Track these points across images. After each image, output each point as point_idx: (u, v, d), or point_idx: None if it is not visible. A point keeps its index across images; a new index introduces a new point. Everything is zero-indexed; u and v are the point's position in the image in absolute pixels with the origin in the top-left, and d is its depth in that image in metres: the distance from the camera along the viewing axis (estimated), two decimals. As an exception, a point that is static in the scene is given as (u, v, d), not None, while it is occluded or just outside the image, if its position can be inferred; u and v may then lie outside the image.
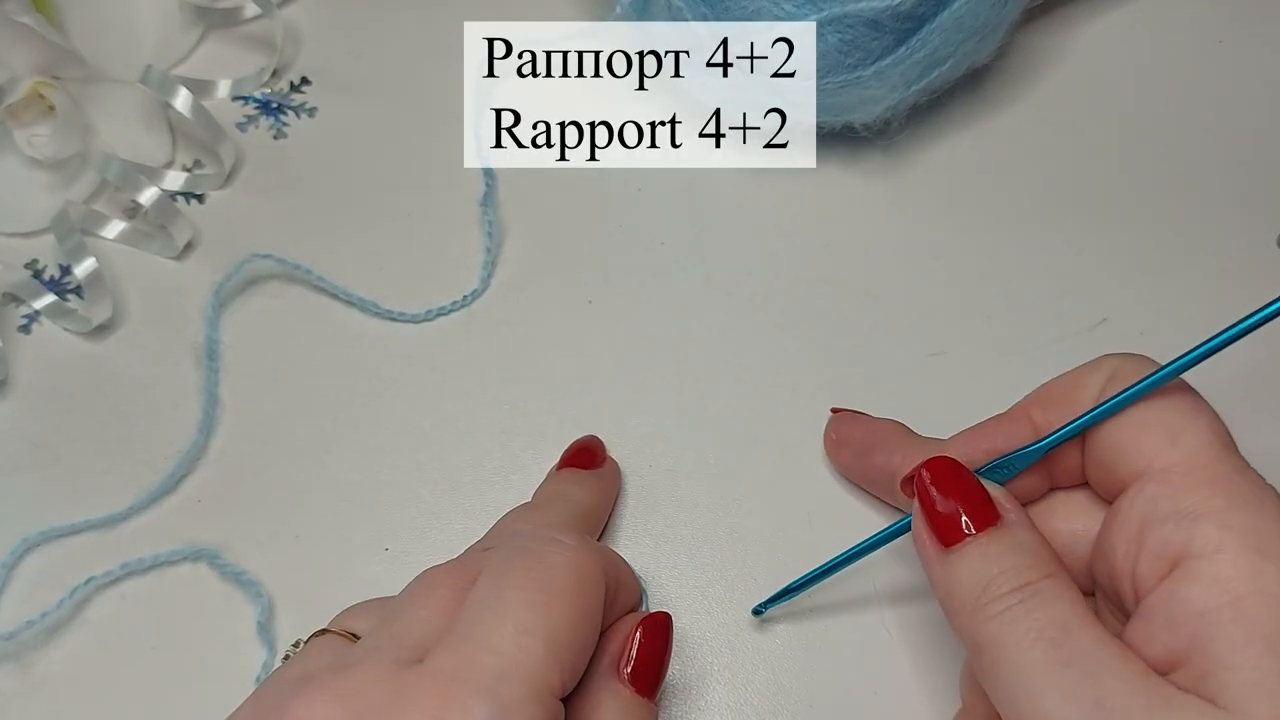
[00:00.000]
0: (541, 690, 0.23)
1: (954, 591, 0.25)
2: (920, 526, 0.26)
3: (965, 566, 0.25)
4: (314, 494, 0.35)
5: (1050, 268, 0.38)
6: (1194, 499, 0.23)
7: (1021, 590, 0.23)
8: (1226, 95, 0.42)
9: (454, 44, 0.43)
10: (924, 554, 0.26)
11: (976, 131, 0.41)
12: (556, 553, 0.26)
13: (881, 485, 0.33)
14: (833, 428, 0.35)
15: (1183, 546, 0.23)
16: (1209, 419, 0.25)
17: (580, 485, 0.33)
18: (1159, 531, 0.24)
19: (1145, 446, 0.25)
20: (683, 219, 0.40)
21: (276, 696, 0.24)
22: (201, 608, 0.33)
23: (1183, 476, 0.24)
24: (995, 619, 0.23)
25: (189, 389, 0.37)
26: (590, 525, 0.32)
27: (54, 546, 0.34)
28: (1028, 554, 0.24)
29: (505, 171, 0.41)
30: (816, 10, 0.35)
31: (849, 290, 0.38)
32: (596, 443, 0.35)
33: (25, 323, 0.38)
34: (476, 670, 0.23)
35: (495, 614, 0.24)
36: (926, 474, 0.26)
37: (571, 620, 0.24)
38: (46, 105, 0.40)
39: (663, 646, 0.27)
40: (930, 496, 0.26)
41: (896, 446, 0.31)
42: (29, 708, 0.32)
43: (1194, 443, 0.24)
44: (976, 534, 0.25)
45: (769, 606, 0.32)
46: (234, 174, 0.41)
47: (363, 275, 0.39)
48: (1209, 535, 0.23)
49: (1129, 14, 0.44)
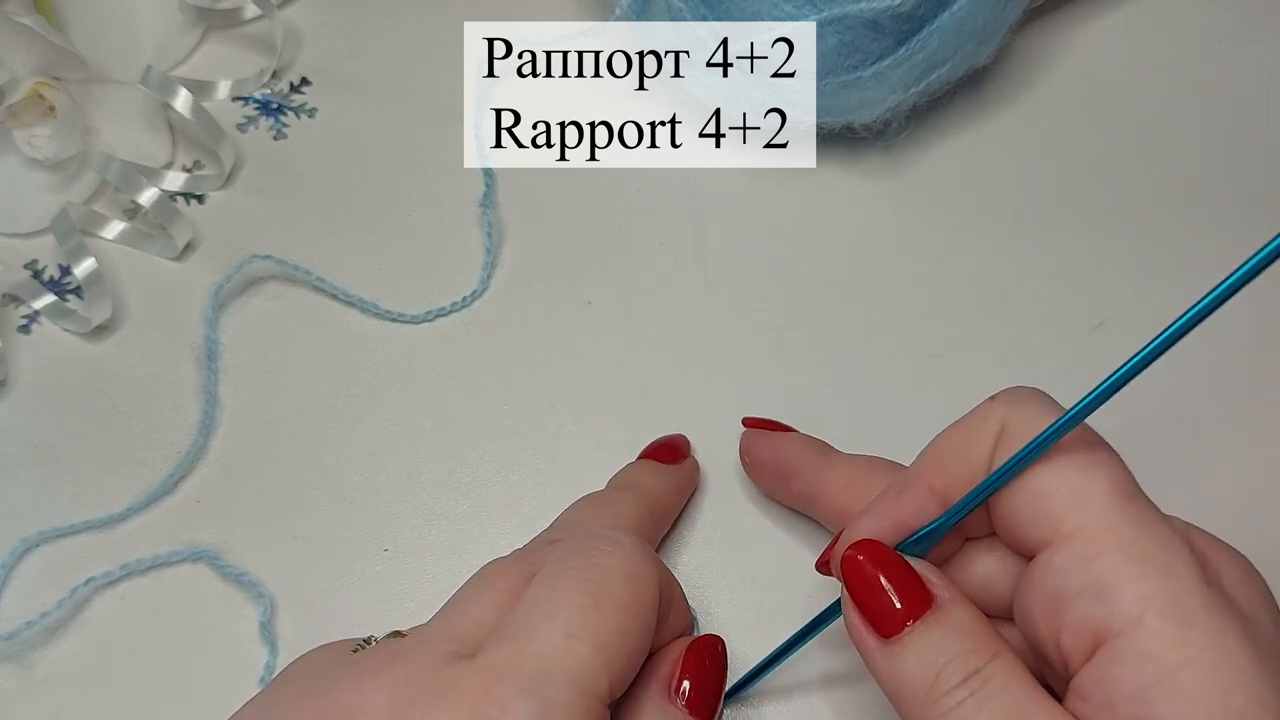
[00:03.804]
0: (587, 695, 0.23)
1: (901, 685, 0.24)
2: (854, 620, 0.25)
3: (909, 659, 0.24)
4: (314, 494, 0.35)
5: (1049, 269, 0.38)
6: (1102, 568, 0.23)
7: (972, 680, 0.23)
8: (1226, 95, 0.42)
9: (454, 44, 0.43)
10: (862, 646, 0.25)
11: (976, 132, 0.41)
12: (610, 555, 0.25)
13: (801, 507, 0.33)
14: (744, 447, 0.34)
15: (1103, 624, 0.22)
16: (1109, 470, 0.24)
17: (654, 477, 0.33)
18: (1076, 609, 0.23)
19: (1049, 512, 0.24)
20: (683, 219, 0.40)
21: (330, 679, 0.24)
22: (201, 608, 0.33)
23: (1088, 544, 0.23)
24: (950, 715, 0.23)
25: (189, 389, 0.37)
26: (658, 519, 0.32)
27: (54, 547, 0.34)
28: (969, 637, 0.24)
29: (505, 171, 0.41)
30: (816, 11, 0.35)
31: (849, 290, 0.38)
32: (681, 440, 0.35)
33: (25, 323, 0.38)
34: (522, 669, 0.23)
35: (544, 615, 0.24)
36: (851, 562, 0.25)
37: (622, 625, 0.24)
38: (46, 106, 0.40)
39: (715, 665, 0.27)
40: (859, 588, 0.25)
41: (810, 471, 0.31)
42: (29, 708, 0.32)
43: (1096, 503, 0.23)
44: (914, 623, 0.24)
45: (733, 697, 0.31)
46: (234, 174, 0.41)
47: (363, 275, 0.39)
48: (1127, 610, 0.22)
49: (1129, 15, 0.44)
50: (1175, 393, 0.35)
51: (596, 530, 0.27)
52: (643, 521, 0.31)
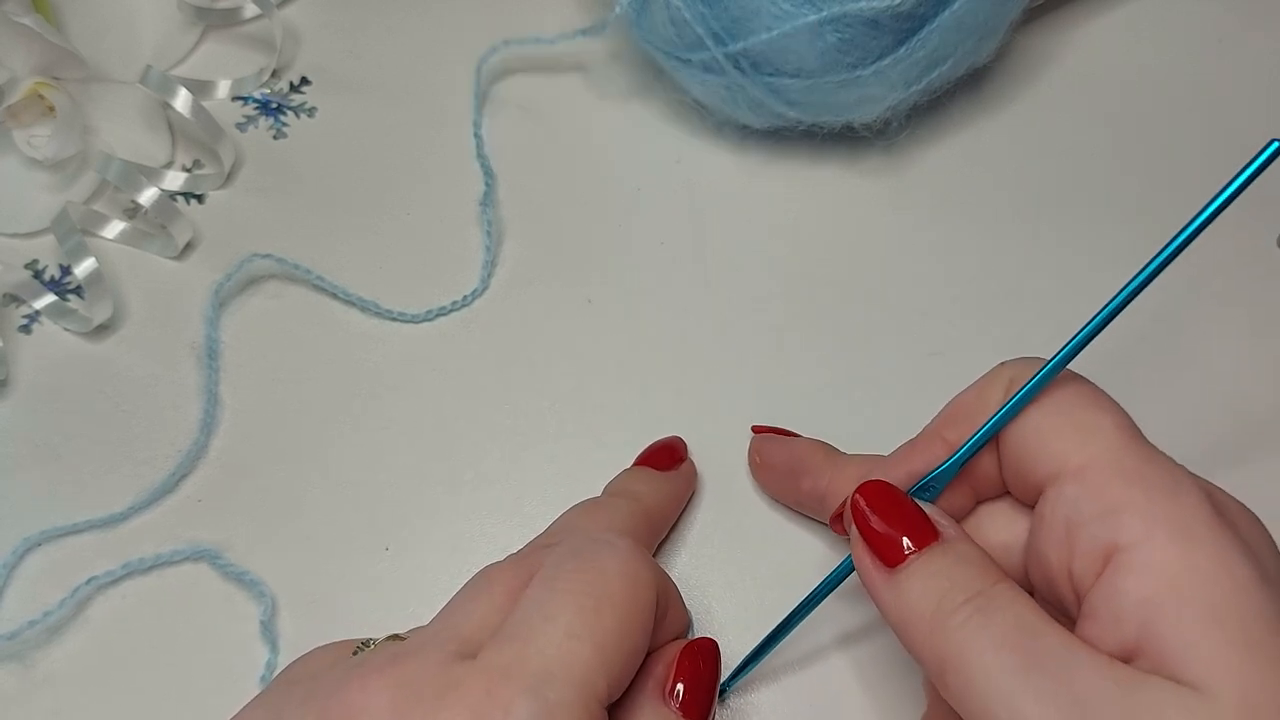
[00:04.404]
0: (587, 696, 0.23)
1: (907, 612, 0.24)
2: (861, 553, 0.26)
3: (914, 585, 0.24)
4: (314, 494, 0.35)
5: (1050, 267, 0.38)
6: (1113, 495, 0.24)
7: (976, 599, 0.23)
8: (1226, 95, 0.42)
9: (454, 44, 0.43)
10: (869, 580, 0.25)
11: (976, 131, 0.41)
12: (609, 557, 0.26)
13: (811, 508, 0.33)
14: (754, 450, 0.34)
15: (1111, 541, 0.23)
16: (1113, 413, 0.25)
17: (649, 484, 0.33)
18: (1086, 531, 0.24)
19: (1056, 449, 0.25)
20: (683, 219, 0.40)
21: (333, 680, 0.24)
22: (203, 607, 0.33)
23: (1098, 474, 0.24)
24: (956, 632, 0.23)
25: (189, 389, 0.37)
26: (654, 525, 0.32)
27: (55, 546, 0.34)
28: (973, 565, 0.24)
29: (505, 171, 0.41)
30: (816, 10, 0.35)
31: (849, 290, 0.38)
32: (677, 443, 0.35)
33: (25, 323, 0.39)
34: (523, 670, 0.23)
35: (545, 616, 0.24)
36: (860, 499, 0.26)
37: (620, 627, 0.24)
38: (46, 106, 0.40)
39: (709, 667, 0.27)
40: (867, 522, 0.26)
41: (822, 469, 0.31)
42: (31, 707, 0.32)
43: (1103, 439, 0.24)
44: (919, 552, 0.25)
45: (732, 684, 0.31)
46: (234, 174, 0.41)
47: (363, 275, 0.39)
48: (1134, 527, 0.23)
49: (1129, 14, 0.44)
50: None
51: (593, 534, 0.28)
52: (639, 527, 0.31)
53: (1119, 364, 0.28)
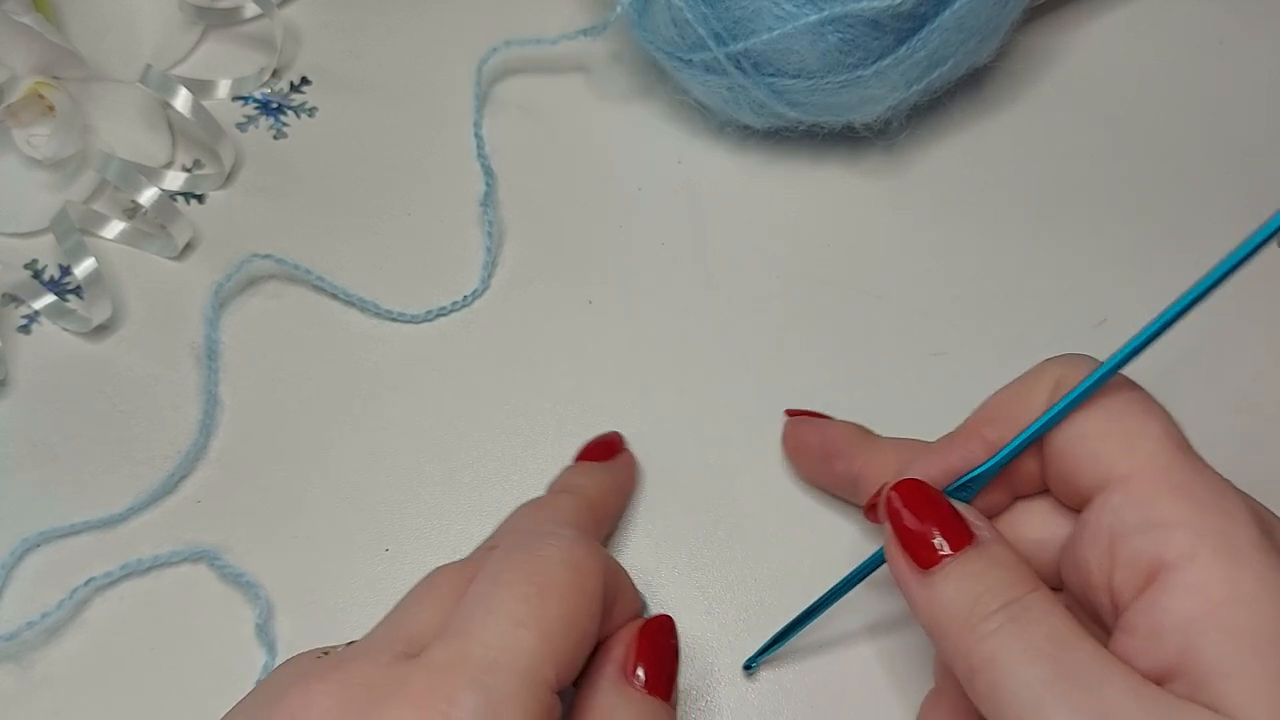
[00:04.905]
0: (534, 684, 0.23)
1: (939, 613, 0.24)
2: (894, 551, 0.26)
3: (948, 586, 0.24)
4: (314, 494, 0.35)
5: (1050, 267, 0.38)
6: (1160, 507, 0.23)
7: (1010, 607, 0.23)
8: (1226, 95, 0.42)
9: (454, 43, 0.43)
10: (901, 577, 0.25)
11: (977, 131, 0.41)
12: (551, 547, 0.26)
13: (844, 490, 0.33)
14: (789, 432, 0.34)
15: (1156, 557, 0.23)
16: (1162, 421, 0.25)
17: (589, 477, 0.33)
18: (1130, 543, 0.23)
19: (1103, 455, 0.25)
20: (683, 219, 0.40)
21: (276, 688, 0.24)
22: (201, 608, 0.33)
23: (1145, 484, 0.24)
24: (988, 638, 0.23)
25: (189, 389, 0.37)
26: (599, 517, 0.32)
27: (54, 547, 0.34)
28: (1009, 570, 0.24)
29: (505, 171, 0.41)
30: (817, 10, 0.35)
31: (849, 290, 0.38)
32: (614, 437, 0.35)
33: (25, 323, 0.38)
34: (467, 662, 0.23)
35: (487, 608, 0.24)
36: (896, 497, 0.26)
37: (566, 612, 0.24)
38: (46, 105, 0.39)
39: (667, 644, 0.27)
40: (902, 520, 0.25)
41: (856, 452, 0.31)
42: (29, 708, 0.32)
43: (1151, 448, 0.24)
44: (954, 553, 0.24)
45: (758, 660, 0.31)
46: (234, 174, 0.41)
47: (363, 275, 0.39)
48: (1181, 544, 0.23)
49: (1129, 14, 0.44)
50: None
51: (536, 528, 0.28)
52: (583, 519, 0.31)
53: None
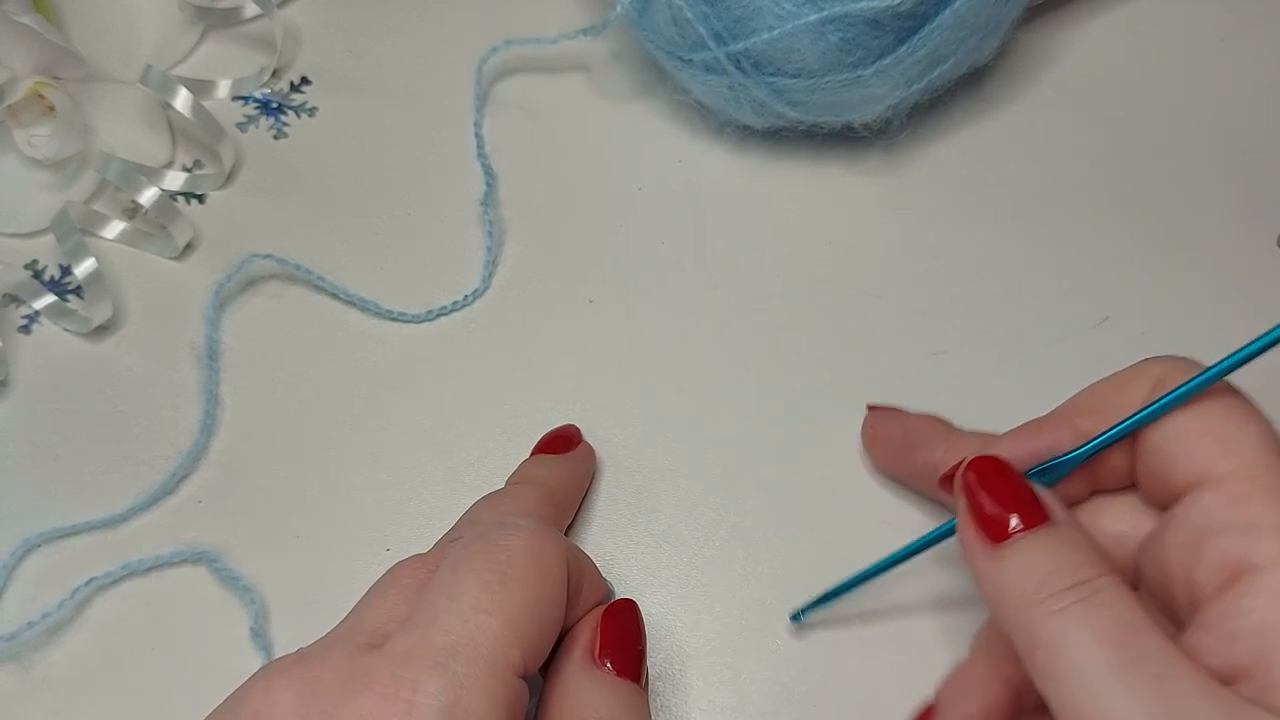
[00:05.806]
0: (498, 665, 0.23)
1: (1005, 588, 0.24)
2: (966, 523, 0.25)
3: (1017, 562, 0.24)
4: (314, 494, 0.35)
5: (1050, 267, 0.38)
6: (1252, 510, 0.23)
7: (1080, 588, 0.23)
8: (1227, 95, 0.42)
9: (454, 43, 0.43)
10: (970, 550, 0.25)
11: (977, 131, 0.41)
12: (513, 536, 0.26)
13: (923, 481, 0.32)
14: (870, 424, 0.34)
15: (1243, 558, 0.23)
16: (1261, 426, 0.25)
17: (547, 468, 0.33)
18: (1217, 542, 0.23)
19: (1200, 454, 0.24)
20: (683, 219, 0.40)
21: (242, 688, 0.25)
22: (202, 609, 0.33)
23: (1239, 486, 0.24)
24: (1054, 616, 0.23)
25: (189, 389, 0.37)
26: (558, 507, 0.32)
27: (54, 547, 0.34)
28: (1082, 552, 0.24)
29: (505, 171, 0.41)
30: (817, 9, 0.35)
31: (849, 290, 0.38)
32: (570, 429, 0.35)
33: (25, 323, 0.38)
34: (429, 648, 0.23)
35: (450, 596, 0.24)
36: (972, 473, 0.26)
37: (529, 599, 0.25)
38: (46, 105, 0.39)
39: (632, 625, 0.28)
40: (976, 494, 0.25)
41: (939, 442, 0.31)
42: (29, 708, 0.32)
43: (1249, 452, 0.24)
44: (1026, 530, 0.24)
45: (809, 612, 0.31)
46: (234, 174, 0.41)
47: (363, 275, 0.39)
48: (1270, 549, 0.23)
49: (1129, 13, 0.44)
50: None
51: (497, 518, 0.28)
52: (544, 509, 0.31)
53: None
